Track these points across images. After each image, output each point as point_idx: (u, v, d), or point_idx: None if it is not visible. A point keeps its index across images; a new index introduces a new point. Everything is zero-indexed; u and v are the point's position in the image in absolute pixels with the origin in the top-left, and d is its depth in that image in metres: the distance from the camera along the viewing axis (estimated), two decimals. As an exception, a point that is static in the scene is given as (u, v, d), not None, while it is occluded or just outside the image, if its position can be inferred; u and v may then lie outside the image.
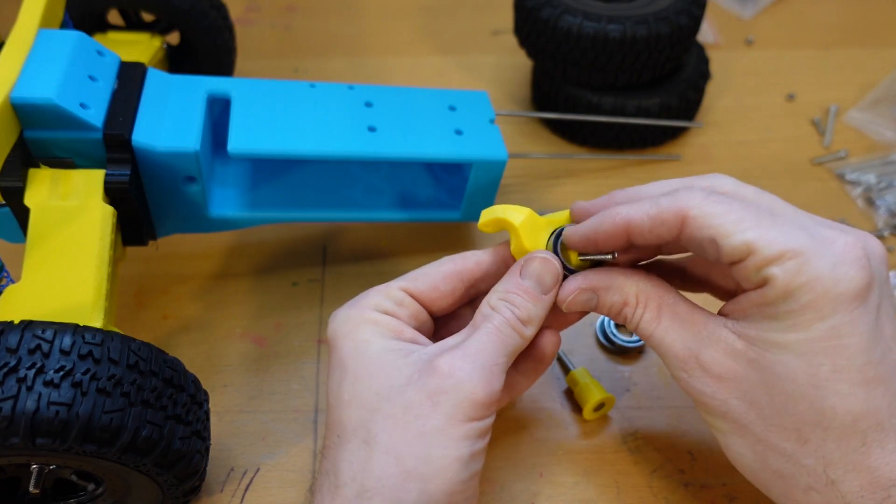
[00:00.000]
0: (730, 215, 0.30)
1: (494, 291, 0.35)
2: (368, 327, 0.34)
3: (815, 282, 0.29)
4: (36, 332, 0.30)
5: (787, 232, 0.29)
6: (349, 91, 0.46)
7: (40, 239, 0.36)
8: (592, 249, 0.35)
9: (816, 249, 0.29)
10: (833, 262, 0.29)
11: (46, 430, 0.29)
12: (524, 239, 0.35)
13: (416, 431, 0.31)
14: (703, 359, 0.32)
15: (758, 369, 0.31)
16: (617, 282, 0.34)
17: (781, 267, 0.29)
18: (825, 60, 0.68)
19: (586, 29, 0.52)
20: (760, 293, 0.30)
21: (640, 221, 0.32)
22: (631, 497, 0.40)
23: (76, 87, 0.37)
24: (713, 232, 0.30)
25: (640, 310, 0.34)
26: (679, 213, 0.31)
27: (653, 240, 0.32)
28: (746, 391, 0.31)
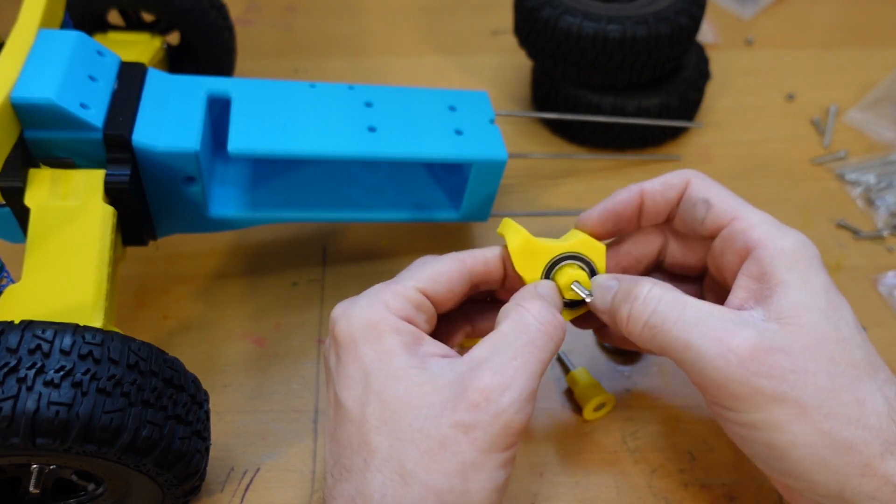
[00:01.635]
0: (723, 192, 0.37)
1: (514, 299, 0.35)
2: (391, 336, 0.32)
3: (793, 243, 0.33)
4: (36, 332, 0.30)
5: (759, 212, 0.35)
6: (349, 91, 0.46)
7: (40, 239, 0.36)
8: (609, 223, 0.39)
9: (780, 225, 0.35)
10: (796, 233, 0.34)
11: (46, 429, 0.29)
12: (517, 264, 0.36)
13: (453, 468, 0.30)
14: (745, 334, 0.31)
15: (798, 338, 0.31)
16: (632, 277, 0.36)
17: (764, 231, 0.34)
18: (825, 60, 0.68)
19: (586, 29, 0.52)
20: (755, 263, 0.33)
21: (652, 186, 0.38)
22: (631, 497, 0.40)
23: (76, 88, 0.37)
24: (710, 194, 0.36)
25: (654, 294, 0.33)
26: (685, 179, 0.37)
27: (661, 203, 0.38)
28: (799, 365, 0.30)
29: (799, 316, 0.31)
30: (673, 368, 0.46)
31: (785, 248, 0.33)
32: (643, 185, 0.38)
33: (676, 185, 0.38)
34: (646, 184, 0.38)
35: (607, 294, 0.35)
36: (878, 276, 0.50)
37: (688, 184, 0.37)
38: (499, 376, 0.30)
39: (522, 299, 0.34)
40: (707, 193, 0.37)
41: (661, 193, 0.38)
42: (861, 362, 0.31)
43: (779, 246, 0.33)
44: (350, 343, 0.32)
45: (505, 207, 0.54)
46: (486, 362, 0.31)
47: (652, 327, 0.33)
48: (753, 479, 0.41)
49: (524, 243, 0.36)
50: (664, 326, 0.32)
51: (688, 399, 0.44)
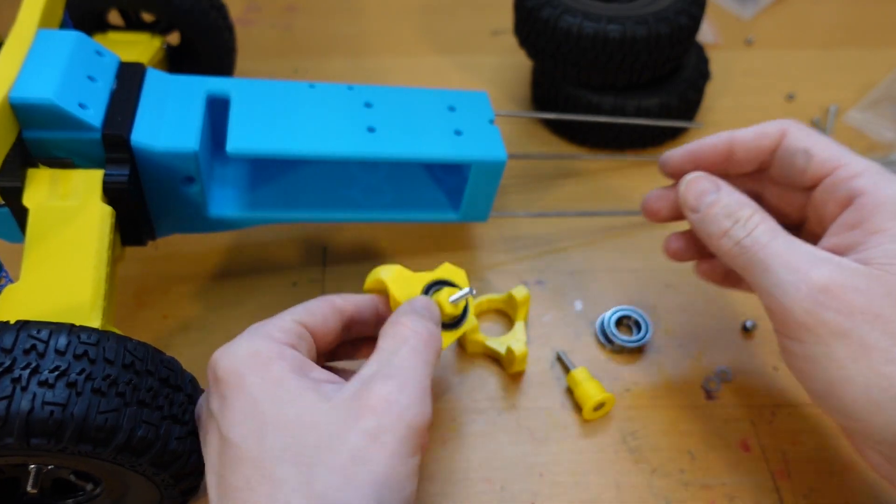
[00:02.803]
0: (820, 138, 0.35)
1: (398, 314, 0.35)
2: (278, 363, 0.31)
3: None
4: (31, 332, 0.30)
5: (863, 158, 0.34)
6: (349, 91, 0.46)
7: (39, 239, 0.36)
8: (690, 166, 0.38)
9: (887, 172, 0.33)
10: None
11: (41, 430, 0.29)
12: (395, 291, 0.38)
13: (368, 481, 0.29)
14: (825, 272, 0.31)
15: (884, 285, 0.31)
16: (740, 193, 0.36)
17: (869, 178, 0.33)
18: (825, 60, 0.68)
19: (586, 29, 0.52)
20: (856, 211, 0.33)
21: (745, 135, 0.37)
22: (631, 497, 0.40)
23: (75, 88, 0.37)
24: (810, 142, 0.35)
25: (756, 219, 0.34)
26: (781, 128, 0.36)
27: (754, 151, 0.37)
28: (873, 307, 0.31)
29: (890, 263, 0.31)
30: (673, 368, 0.46)
31: (889, 195, 0.33)
32: (734, 134, 0.38)
33: (771, 135, 0.37)
34: (737, 132, 0.37)
35: (705, 196, 0.36)
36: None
37: (784, 133, 0.36)
38: (392, 380, 0.31)
39: (398, 316, 0.35)
40: (807, 142, 0.35)
41: (754, 142, 0.37)
42: None
43: (882, 194, 0.33)
44: (235, 377, 0.31)
45: (505, 207, 0.54)
46: (377, 374, 0.31)
47: (743, 248, 0.34)
48: (753, 479, 0.41)
49: (398, 272, 0.38)
50: (752, 248, 0.34)
51: (688, 399, 0.44)
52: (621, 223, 0.54)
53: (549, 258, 0.51)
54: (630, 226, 0.54)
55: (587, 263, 0.51)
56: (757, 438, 0.43)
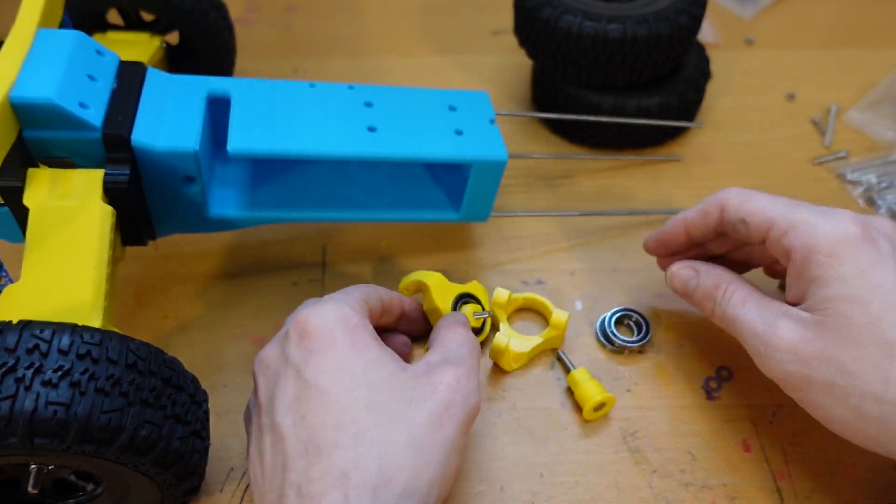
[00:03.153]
0: (756, 202, 0.39)
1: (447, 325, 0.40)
2: (363, 330, 0.35)
3: (824, 235, 0.36)
4: (34, 331, 0.30)
5: (798, 210, 0.37)
6: (349, 91, 0.46)
7: (39, 239, 0.36)
8: (662, 249, 0.45)
9: (821, 217, 0.36)
10: (834, 221, 0.36)
11: (44, 429, 0.29)
12: (436, 296, 0.44)
13: (440, 439, 0.33)
14: (779, 331, 0.36)
15: (827, 330, 0.35)
16: (716, 270, 0.42)
17: (796, 234, 0.36)
18: (825, 60, 0.68)
19: (586, 29, 0.52)
20: (793, 265, 0.37)
21: (692, 216, 0.42)
22: (631, 497, 0.40)
23: (75, 87, 0.37)
24: (743, 212, 0.39)
25: (729, 293, 0.40)
26: (719, 203, 0.40)
27: (703, 229, 0.42)
28: (823, 351, 0.35)
29: (826, 308, 0.35)
30: (673, 368, 0.46)
31: (817, 244, 0.36)
32: (685, 217, 0.43)
33: (712, 212, 0.41)
34: (686, 214, 0.43)
35: (689, 282, 0.43)
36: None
37: (722, 207, 0.40)
38: (460, 368, 0.35)
39: (455, 324, 0.40)
40: (741, 212, 0.39)
41: (702, 221, 0.42)
42: (893, 341, 0.33)
43: (810, 245, 0.36)
44: (326, 333, 0.34)
45: (505, 207, 0.54)
46: (445, 361, 0.36)
47: (726, 320, 0.40)
48: (753, 479, 0.41)
49: (438, 279, 0.45)
50: (731, 320, 0.39)
51: (688, 399, 0.44)
52: (621, 223, 0.54)
53: (549, 258, 0.51)
54: (630, 226, 0.54)
55: (587, 263, 0.51)
56: (757, 439, 0.43)
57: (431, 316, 0.45)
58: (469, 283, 0.46)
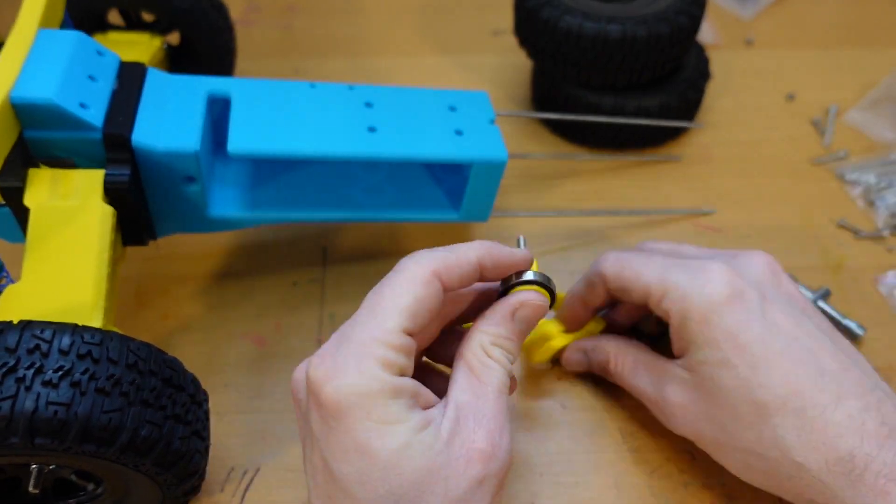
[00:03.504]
0: (630, 269, 0.39)
1: (487, 333, 0.33)
2: (391, 404, 0.29)
3: (694, 300, 0.36)
4: (35, 331, 0.30)
5: (672, 273, 0.37)
6: (349, 91, 0.46)
7: (40, 239, 0.36)
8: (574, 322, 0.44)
9: (692, 279, 0.37)
10: (703, 283, 0.36)
11: (45, 429, 0.29)
12: None
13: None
14: (667, 396, 0.38)
15: (704, 391, 0.36)
16: (600, 344, 0.43)
17: (670, 299, 0.37)
18: (825, 60, 0.68)
19: (586, 29, 0.52)
20: (673, 327, 0.37)
21: (581, 289, 0.42)
22: (631, 497, 0.40)
23: (76, 87, 0.37)
24: (621, 282, 0.39)
25: (619, 364, 0.41)
26: (599, 273, 0.41)
27: (598, 298, 0.42)
28: (706, 412, 0.36)
29: (701, 371, 0.36)
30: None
31: (688, 311, 0.36)
32: (575, 292, 0.43)
33: (597, 283, 0.41)
34: (575, 289, 0.43)
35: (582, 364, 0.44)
36: (879, 276, 0.50)
37: (604, 280, 0.40)
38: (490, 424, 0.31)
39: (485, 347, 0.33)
40: (619, 282, 0.40)
41: (592, 293, 0.42)
42: (762, 401, 0.34)
43: (683, 311, 0.37)
44: (342, 413, 0.29)
45: (505, 207, 0.54)
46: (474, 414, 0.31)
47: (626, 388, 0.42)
48: (753, 479, 0.41)
49: None
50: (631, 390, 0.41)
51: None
52: (621, 223, 0.54)
53: (549, 258, 0.52)
54: (630, 226, 0.54)
55: (587, 263, 0.51)
56: (757, 438, 0.43)
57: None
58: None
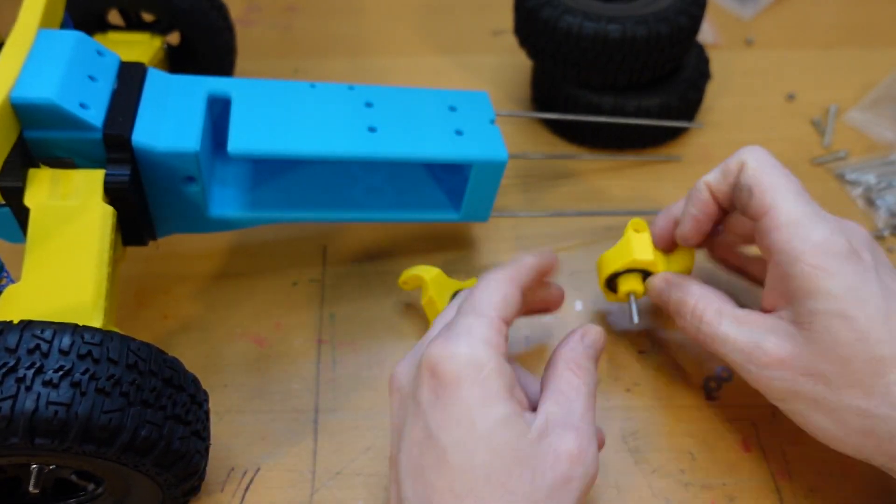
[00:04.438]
0: (769, 176, 0.37)
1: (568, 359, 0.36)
2: (496, 380, 0.32)
3: (812, 246, 0.35)
4: (35, 331, 0.30)
5: (799, 206, 0.36)
6: (349, 91, 0.46)
7: (40, 239, 0.36)
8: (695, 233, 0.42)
9: (812, 223, 0.35)
10: (827, 231, 0.35)
11: (45, 429, 0.29)
12: (433, 292, 0.44)
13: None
14: (766, 347, 0.36)
15: (812, 342, 0.34)
16: (685, 282, 0.41)
17: (785, 233, 0.35)
18: (825, 60, 0.68)
19: (586, 29, 0.52)
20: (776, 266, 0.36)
21: (715, 177, 0.40)
22: (631, 497, 0.40)
23: (76, 87, 0.37)
24: (755, 180, 0.37)
25: (699, 310, 0.39)
26: (740, 161, 0.39)
27: (726, 189, 0.39)
28: (810, 366, 0.35)
29: (812, 322, 0.34)
30: (673, 368, 0.46)
31: (802, 252, 0.35)
32: (706, 179, 0.40)
33: (732, 171, 0.39)
34: (708, 176, 0.40)
35: (662, 294, 0.42)
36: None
37: (741, 168, 0.38)
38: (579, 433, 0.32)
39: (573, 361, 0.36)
40: (752, 179, 0.37)
41: (723, 180, 0.40)
42: (880, 356, 0.33)
43: (797, 250, 0.35)
44: (455, 381, 0.31)
45: (505, 207, 0.54)
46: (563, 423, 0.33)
47: (704, 339, 0.39)
48: (753, 479, 0.41)
49: (437, 274, 0.45)
50: (713, 340, 0.38)
51: (688, 399, 0.44)
52: (621, 223, 0.54)
53: (549, 258, 0.52)
54: (630, 226, 0.54)
55: (587, 263, 0.51)
56: (757, 438, 0.43)
57: (428, 311, 0.45)
58: (468, 280, 0.46)
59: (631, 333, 0.47)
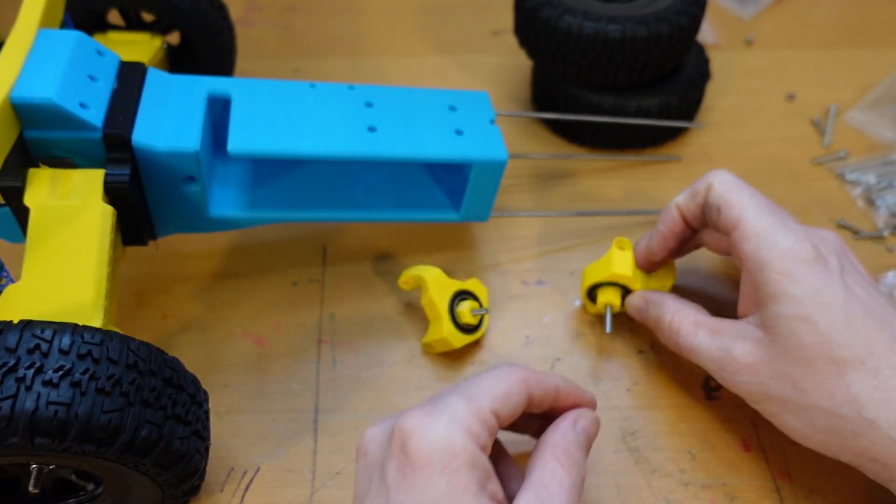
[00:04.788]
0: (735, 195, 0.39)
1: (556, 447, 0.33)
2: (468, 472, 0.30)
3: (779, 251, 0.37)
4: (35, 331, 0.30)
5: (765, 218, 0.38)
6: (349, 91, 0.46)
7: (40, 239, 0.36)
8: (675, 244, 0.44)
9: (780, 232, 0.37)
10: (790, 239, 0.37)
11: (45, 429, 0.29)
12: (433, 292, 0.44)
13: None
14: (735, 353, 0.38)
15: (777, 347, 0.36)
16: (662, 298, 0.43)
17: (753, 244, 0.37)
18: (825, 60, 0.68)
19: (586, 29, 0.52)
20: (748, 273, 0.38)
21: (685, 199, 0.43)
22: (631, 497, 0.40)
23: (76, 87, 0.37)
24: (721, 201, 0.39)
25: (677, 323, 0.41)
26: (707, 183, 0.41)
27: (695, 210, 0.42)
28: (776, 369, 0.36)
29: (776, 326, 0.36)
30: (673, 368, 0.46)
31: (770, 260, 0.37)
32: (677, 201, 0.43)
33: (700, 192, 0.41)
34: (678, 198, 0.43)
35: (640, 311, 0.44)
36: (879, 276, 0.50)
37: (709, 189, 0.41)
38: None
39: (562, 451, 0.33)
40: (719, 200, 0.40)
41: (692, 201, 0.42)
42: (840, 358, 0.35)
43: (765, 259, 0.37)
44: (425, 466, 0.29)
45: (505, 207, 0.54)
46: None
47: (682, 350, 0.41)
48: (753, 479, 0.41)
49: (437, 275, 0.45)
50: (690, 351, 0.40)
51: (688, 399, 0.44)
52: (621, 223, 0.54)
53: (549, 258, 0.52)
54: (630, 226, 0.54)
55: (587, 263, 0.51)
56: (757, 438, 0.43)
57: (428, 311, 0.45)
58: (469, 281, 0.46)
59: (631, 333, 0.47)
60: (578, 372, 0.45)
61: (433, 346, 0.45)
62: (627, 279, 0.45)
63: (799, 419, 0.36)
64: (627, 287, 0.45)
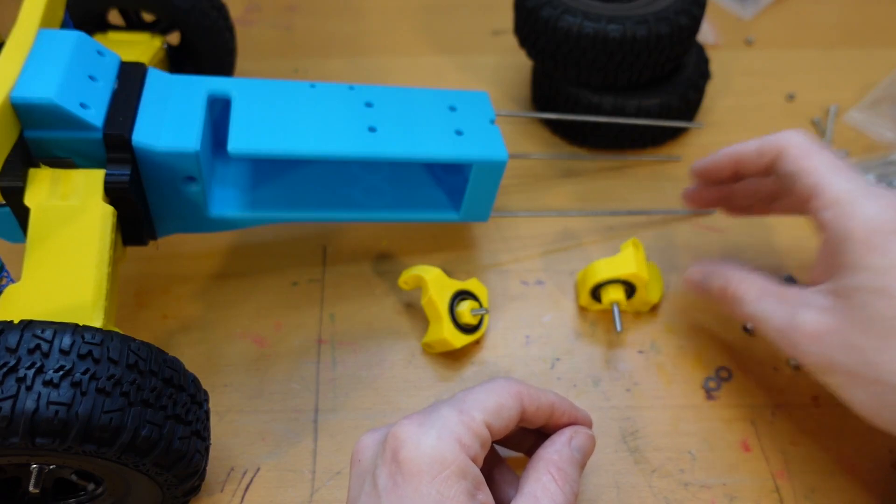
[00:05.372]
0: (812, 160, 0.38)
1: (550, 461, 0.34)
2: (458, 481, 0.30)
3: (861, 223, 0.35)
4: (35, 331, 0.30)
5: (847, 182, 0.36)
6: (349, 91, 0.46)
7: (40, 239, 0.36)
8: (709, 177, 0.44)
9: (863, 198, 0.35)
10: (876, 207, 0.35)
11: (46, 429, 0.29)
12: (432, 292, 0.44)
13: None
14: (801, 323, 0.36)
15: (850, 317, 0.34)
16: (721, 269, 0.42)
17: (835, 212, 0.36)
18: (825, 60, 0.68)
19: (586, 29, 0.52)
20: (827, 243, 0.36)
21: (748, 151, 0.41)
22: (631, 497, 0.40)
23: (76, 87, 0.37)
24: (798, 166, 0.38)
25: (742, 290, 0.40)
26: (778, 147, 0.39)
27: (754, 168, 0.41)
28: (845, 339, 0.35)
29: (852, 297, 0.34)
30: (673, 368, 0.46)
31: (852, 230, 0.35)
32: (739, 150, 0.42)
33: (768, 154, 0.40)
34: (741, 148, 0.42)
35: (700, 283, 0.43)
36: None
37: (780, 153, 0.39)
38: None
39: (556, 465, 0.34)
40: (795, 166, 0.38)
41: (756, 160, 0.41)
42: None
43: (847, 228, 0.35)
44: (415, 475, 0.30)
45: (505, 207, 0.54)
46: None
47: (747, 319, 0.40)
48: (753, 478, 0.41)
49: (437, 275, 0.45)
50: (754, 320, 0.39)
51: (688, 399, 0.44)
52: (621, 223, 0.54)
53: (548, 258, 0.52)
54: (630, 226, 0.54)
55: (587, 263, 0.51)
56: (757, 438, 0.43)
57: (428, 311, 0.45)
58: (469, 281, 0.46)
59: (631, 333, 0.47)
60: (578, 372, 0.45)
61: (433, 346, 0.45)
62: (640, 279, 0.45)
63: (866, 394, 0.35)
64: (635, 286, 0.46)
